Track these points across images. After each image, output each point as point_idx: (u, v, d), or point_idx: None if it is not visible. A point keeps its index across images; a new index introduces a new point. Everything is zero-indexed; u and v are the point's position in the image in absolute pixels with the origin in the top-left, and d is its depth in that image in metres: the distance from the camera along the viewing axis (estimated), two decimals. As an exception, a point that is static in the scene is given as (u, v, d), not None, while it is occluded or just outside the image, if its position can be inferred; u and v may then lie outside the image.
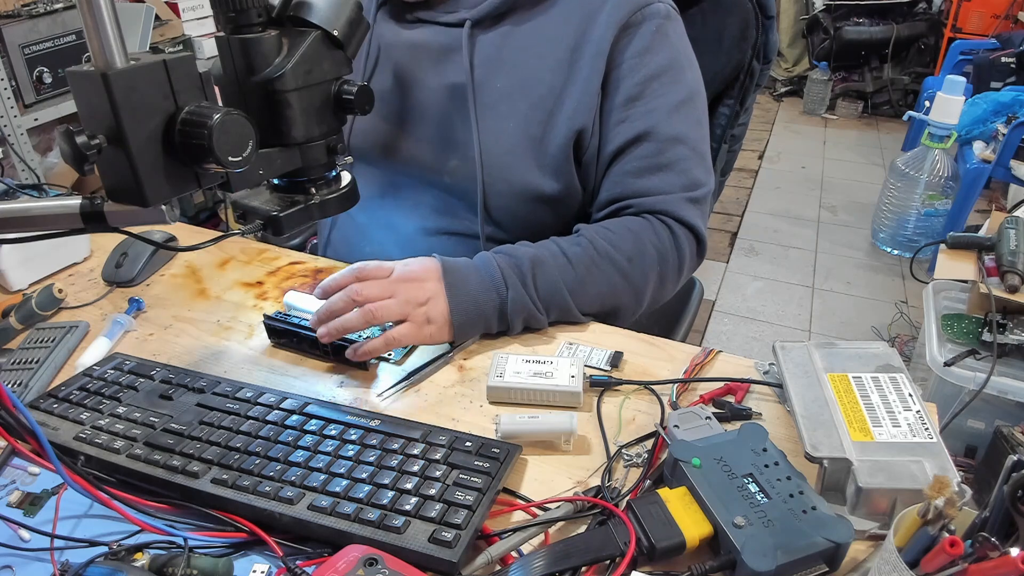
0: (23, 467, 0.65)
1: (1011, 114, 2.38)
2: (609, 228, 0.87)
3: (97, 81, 0.49)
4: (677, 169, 0.88)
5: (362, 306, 0.75)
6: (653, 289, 0.88)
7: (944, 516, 0.45)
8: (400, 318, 0.76)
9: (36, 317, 0.85)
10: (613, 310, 0.87)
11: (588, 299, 0.84)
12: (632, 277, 0.85)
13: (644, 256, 0.86)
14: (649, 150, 0.88)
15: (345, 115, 0.68)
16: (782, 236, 2.92)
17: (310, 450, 0.63)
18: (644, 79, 0.88)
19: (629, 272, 0.85)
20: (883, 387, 0.65)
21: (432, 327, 0.77)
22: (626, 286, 0.85)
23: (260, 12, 0.61)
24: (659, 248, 0.87)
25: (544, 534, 0.58)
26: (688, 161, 0.89)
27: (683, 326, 1.13)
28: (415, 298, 0.77)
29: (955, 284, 1.39)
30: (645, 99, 0.88)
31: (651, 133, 0.87)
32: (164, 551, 0.56)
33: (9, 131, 2.00)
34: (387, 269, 0.79)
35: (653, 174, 0.88)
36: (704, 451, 0.59)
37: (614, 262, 0.84)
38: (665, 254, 0.87)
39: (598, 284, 0.84)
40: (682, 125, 0.89)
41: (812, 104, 4.17)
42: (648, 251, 0.86)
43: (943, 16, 3.82)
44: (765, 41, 1.12)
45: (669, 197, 0.88)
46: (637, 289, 0.86)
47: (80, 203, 0.56)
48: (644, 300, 0.88)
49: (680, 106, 0.89)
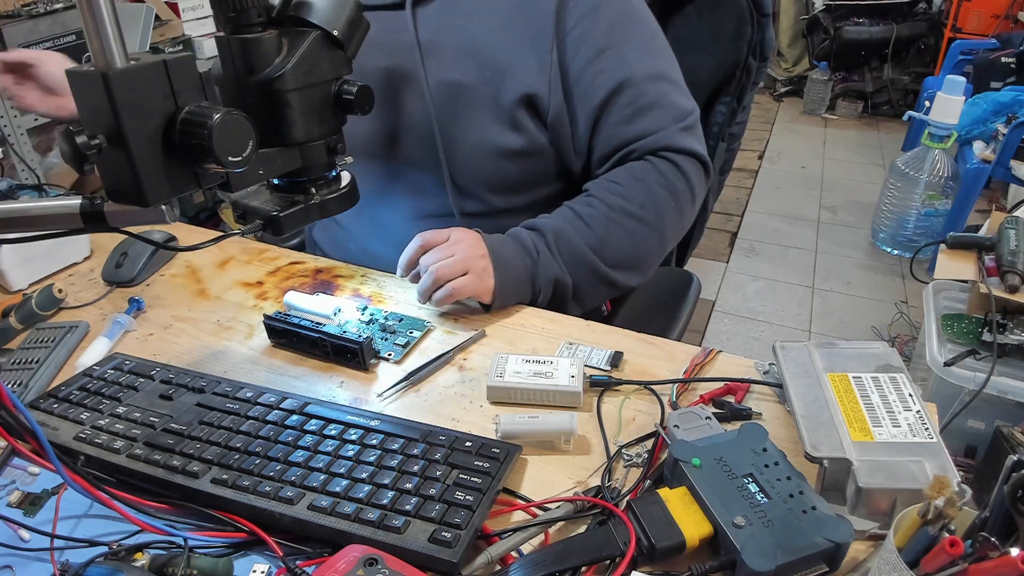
0: (23, 467, 0.65)
1: (1011, 114, 2.38)
2: (616, 181, 0.90)
3: (97, 81, 0.49)
4: (664, 104, 0.91)
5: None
6: (673, 225, 0.92)
7: (944, 516, 0.45)
8: (463, 272, 0.82)
9: (36, 317, 0.85)
10: (642, 257, 0.91)
11: (612, 253, 0.88)
12: (649, 222, 0.89)
13: (655, 198, 0.89)
14: (632, 95, 0.89)
15: (345, 115, 0.68)
16: (782, 236, 2.92)
17: (310, 450, 0.63)
18: (606, 29, 0.89)
19: (645, 218, 0.88)
20: (883, 387, 0.65)
21: (490, 280, 0.83)
22: (646, 232, 0.89)
23: (260, 12, 0.61)
24: (667, 186, 0.89)
25: (544, 534, 0.58)
26: (671, 94, 0.92)
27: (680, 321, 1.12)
28: (474, 252, 0.83)
29: (955, 284, 1.39)
30: (613, 47, 0.89)
31: (630, 79, 0.89)
32: (164, 551, 0.56)
33: (9, 131, 2.00)
34: (444, 234, 0.84)
35: (643, 116, 0.90)
36: (704, 451, 0.59)
37: (629, 212, 0.88)
38: (675, 189, 0.90)
39: (618, 237, 0.88)
40: (654, 61, 0.92)
41: (812, 104, 4.17)
42: (658, 192, 0.89)
43: (943, 16, 3.81)
44: (761, 39, 1.13)
45: (664, 133, 0.90)
46: (658, 231, 0.90)
47: (80, 203, 0.56)
48: (668, 238, 0.92)
49: (647, 44, 0.92)
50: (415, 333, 0.82)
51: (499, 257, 0.84)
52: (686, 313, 1.13)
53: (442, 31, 0.91)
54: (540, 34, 0.88)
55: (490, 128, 0.90)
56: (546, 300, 0.88)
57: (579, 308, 0.92)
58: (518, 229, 0.88)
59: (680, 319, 1.11)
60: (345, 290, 0.92)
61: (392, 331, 0.83)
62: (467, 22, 0.90)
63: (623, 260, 0.89)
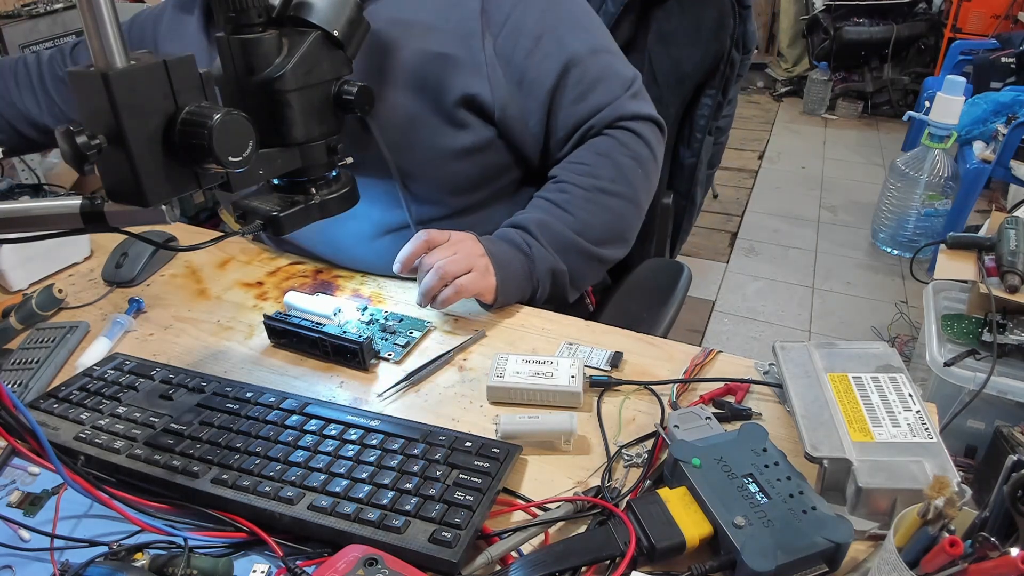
0: (23, 467, 0.65)
1: (1011, 114, 2.38)
2: (581, 161, 0.91)
3: (97, 81, 0.49)
4: (610, 76, 0.93)
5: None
6: (644, 190, 0.95)
7: (944, 516, 0.45)
8: (466, 270, 0.82)
9: (36, 317, 0.85)
10: (622, 229, 0.93)
11: (596, 232, 0.90)
12: (622, 193, 0.91)
13: (623, 169, 0.91)
14: (579, 74, 0.90)
15: (345, 115, 0.68)
16: (782, 236, 2.92)
17: (310, 450, 0.63)
18: (538, 15, 0.90)
19: (618, 191, 0.91)
20: (883, 387, 0.65)
21: (492, 278, 0.84)
22: (622, 203, 0.91)
23: (260, 12, 0.61)
24: (630, 154, 0.91)
25: (544, 534, 0.58)
26: (614, 64, 0.94)
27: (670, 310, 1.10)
28: (475, 251, 0.84)
29: (955, 284, 1.39)
30: (549, 31, 0.90)
31: (573, 58, 0.90)
32: (164, 551, 0.56)
33: (9, 131, 2.00)
34: (446, 234, 0.86)
35: (593, 91, 0.91)
36: (704, 451, 0.59)
37: (601, 189, 0.90)
38: (638, 155, 0.92)
39: (597, 215, 0.90)
40: (591, 36, 0.93)
41: (812, 104, 4.17)
42: (624, 163, 0.91)
43: (943, 16, 3.81)
44: (743, 31, 1.14)
45: (616, 103, 0.92)
46: (632, 200, 0.93)
47: (80, 203, 0.56)
48: (642, 204, 0.95)
49: (580, 20, 0.93)
50: (415, 333, 0.82)
51: (496, 256, 0.84)
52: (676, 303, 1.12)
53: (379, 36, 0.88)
54: (469, 34, 0.87)
55: (437, 132, 0.89)
56: (545, 293, 0.89)
57: (576, 292, 0.93)
58: (503, 229, 0.89)
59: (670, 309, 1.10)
60: (345, 290, 0.93)
61: (392, 331, 0.83)
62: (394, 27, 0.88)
63: (606, 236, 0.91)
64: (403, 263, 0.84)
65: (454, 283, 0.81)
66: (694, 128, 1.21)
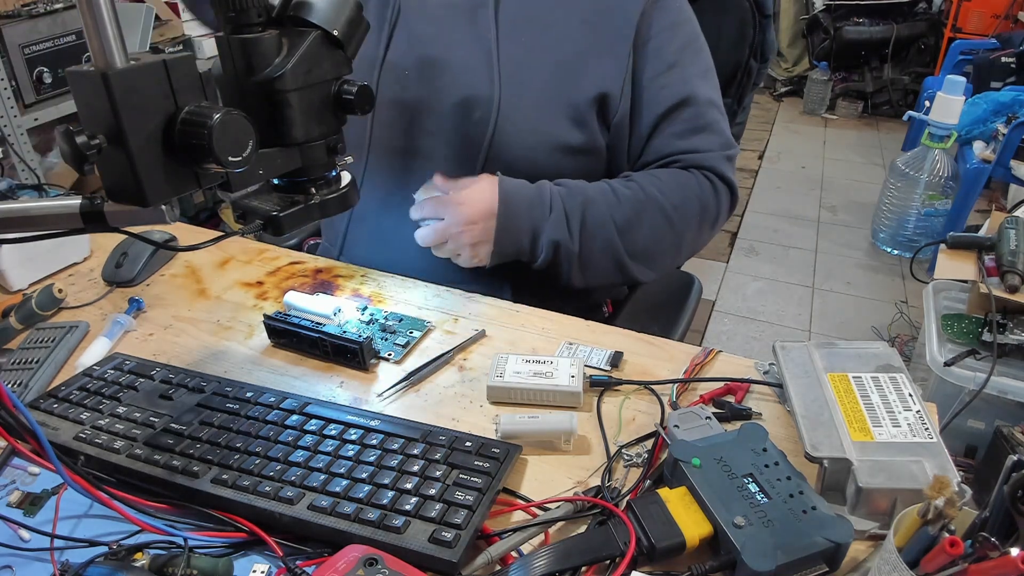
0: (23, 467, 0.65)
1: (1011, 114, 2.38)
2: (658, 176, 0.93)
3: (97, 81, 0.49)
4: (715, 130, 0.95)
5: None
6: (692, 238, 0.95)
7: (944, 516, 0.45)
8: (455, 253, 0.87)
9: (36, 317, 0.85)
10: (658, 254, 0.94)
11: (633, 238, 0.90)
12: (676, 224, 0.92)
13: (688, 204, 0.92)
14: (691, 113, 0.93)
15: (345, 115, 0.68)
16: (782, 236, 2.92)
17: (310, 450, 0.63)
18: (680, 47, 0.93)
19: (674, 219, 0.91)
20: (883, 387, 0.65)
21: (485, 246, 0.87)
22: (669, 231, 0.92)
23: (260, 12, 0.61)
24: (702, 200, 0.93)
25: (544, 534, 0.58)
26: (721, 123, 0.97)
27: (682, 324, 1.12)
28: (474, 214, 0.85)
29: (955, 284, 1.39)
30: (682, 66, 0.93)
31: (692, 97, 0.93)
32: (164, 551, 0.56)
33: (9, 131, 2.00)
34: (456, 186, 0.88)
35: (696, 135, 0.94)
36: (704, 451, 0.59)
37: (661, 207, 0.90)
38: (707, 205, 0.93)
39: (644, 225, 0.90)
40: (712, 90, 0.97)
41: (812, 104, 4.17)
42: (692, 201, 0.92)
43: (943, 16, 3.81)
44: (763, 40, 1.15)
45: (712, 155, 0.94)
46: (680, 235, 0.93)
47: (80, 203, 0.56)
48: (683, 248, 0.96)
49: (707, 72, 0.97)
50: (415, 333, 0.82)
51: (506, 209, 0.86)
52: (687, 315, 1.13)
53: (521, 20, 0.92)
54: (621, 39, 0.91)
55: (556, 123, 0.92)
56: (546, 262, 0.90)
57: (582, 279, 0.92)
58: (544, 181, 0.90)
59: (682, 322, 1.12)
60: (345, 290, 0.93)
61: (392, 331, 0.83)
62: (548, 13, 0.93)
63: (639, 249, 0.92)
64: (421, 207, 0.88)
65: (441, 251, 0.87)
66: None
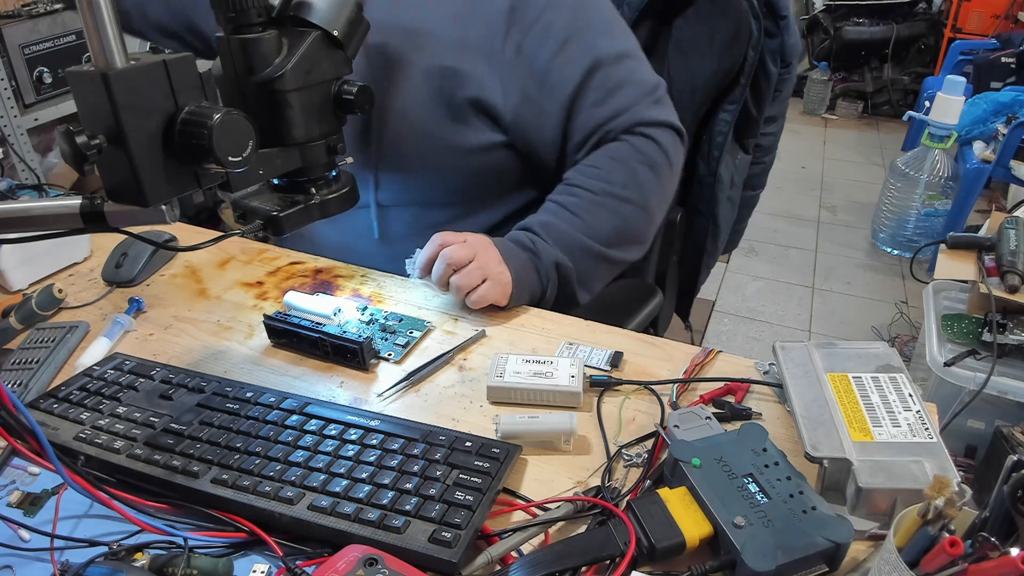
0: (23, 467, 0.65)
1: (1011, 114, 2.38)
2: (595, 165, 0.91)
3: (97, 81, 0.49)
4: (632, 81, 0.92)
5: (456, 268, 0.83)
6: (657, 198, 0.93)
7: (944, 516, 0.45)
8: (482, 279, 0.83)
9: (36, 317, 0.85)
10: (632, 234, 0.93)
11: (604, 235, 0.89)
12: (633, 200, 0.90)
13: (636, 175, 0.90)
14: (602, 77, 0.90)
15: (345, 115, 0.68)
16: (782, 236, 2.92)
17: (310, 450, 0.63)
18: (569, 17, 0.90)
19: (629, 197, 0.90)
20: (883, 387, 0.65)
21: (507, 280, 0.84)
22: (631, 209, 0.90)
23: (260, 12, 0.61)
24: (646, 161, 0.91)
25: (544, 534, 0.58)
26: (637, 70, 0.94)
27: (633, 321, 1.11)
28: (491, 257, 0.84)
29: (955, 284, 1.39)
30: (578, 35, 0.90)
31: (598, 61, 0.90)
32: (164, 551, 0.56)
33: (9, 131, 2.00)
34: (461, 235, 0.86)
35: (614, 96, 0.91)
36: (704, 451, 0.59)
37: (612, 194, 0.89)
38: (653, 162, 0.91)
39: (605, 219, 0.89)
40: (617, 41, 0.93)
41: (812, 104, 4.17)
42: (638, 170, 0.90)
43: (943, 16, 3.81)
44: (782, 43, 1.09)
45: (637, 108, 0.91)
46: (643, 207, 0.91)
47: (80, 203, 0.56)
48: (653, 212, 0.94)
49: (607, 26, 0.94)
50: (415, 333, 0.82)
51: (507, 257, 0.85)
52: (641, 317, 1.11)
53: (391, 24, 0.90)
54: (493, 34, 0.88)
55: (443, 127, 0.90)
56: (554, 289, 0.89)
57: (587, 293, 0.93)
58: (511, 233, 0.90)
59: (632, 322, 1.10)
60: (345, 290, 0.92)
61: (392, 331, 0.83)
62: (416, 12, 0.90)
63: (613, 239, 0.91)
64: (422, 268, 0.85)
65: (471, 298, 0.83)
66: (711, 145, 1.17)
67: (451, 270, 0.83)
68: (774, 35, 1.09)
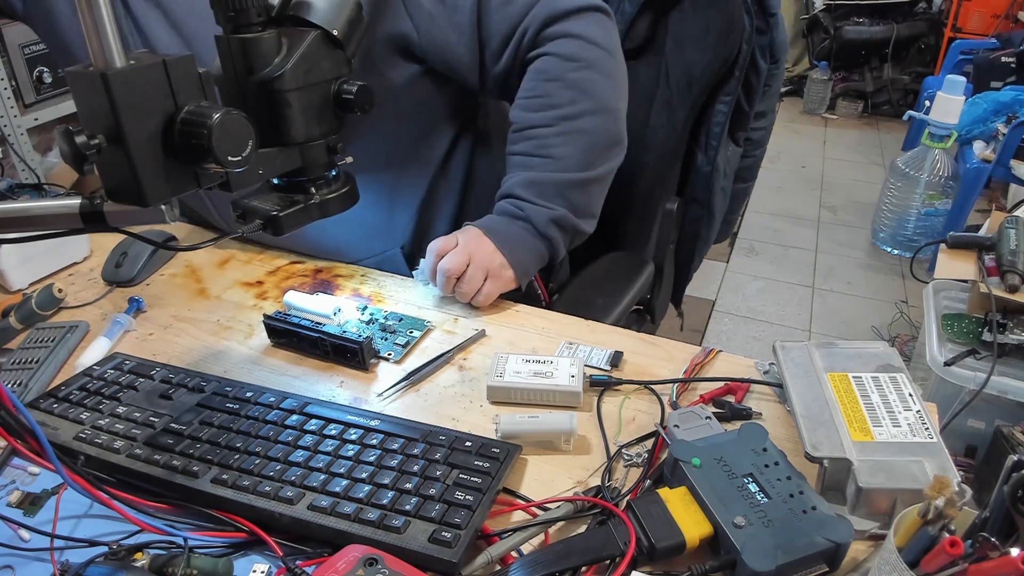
0: (23, 467, 0.65)
1: (1011, 114, 2.38)
2: (534, 95, 0.88)
3: (97, 81, 0.49)
4: None
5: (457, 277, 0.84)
6: (611, 93, 0.90)
7: (944, 516, 0.45)
8: (484, 278, 0.84)
9: (36, 317, 0.85)
10: (604, 141, 0.89)
11: (581, 160, 0.87)
12: (589, 109, 0.87)
13: (579, 86, 0.87)
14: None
15: (345, 115, 0.68)
16: (782, 236, 2.92)
17: (310, 450, 0.63)
18: None
19: (584, 110, 0.87)
20: (883, 387, 0.65)
21: (509, 272, 0.85)
22: (594, 120, 0.88)
23: (260, 12, 0.61)
24: (582, 65, 0.87)
25: (544, 534, 0.58)
26: None
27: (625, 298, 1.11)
28: (485, 251, 0.84)
29: (955, 284, 1.39)
30: None
31: None
32: (164, 551, 0.56)
33: (9, 131, 2.00)
34: (452, 240, 0.85)
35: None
36: (704, 451, 0.59)
37: (567, 117, 0.86)
38: (591, 62, 0.87)
39: (575, 143, 0.87)
40: None
41: (812, 104, 4.17)
42: (577, 78, 0.86)
43: (943, 16, 3.81)
44: (771, 40, 1.11)
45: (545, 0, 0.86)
46: (603, 109, 0.88)
47: (80, 203, 0.56)
48: (614, 106, 0.90)
49: None
50: (415, 333, 0.82)
51: (502, 240, 0.85)
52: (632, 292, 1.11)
53: None
54: None
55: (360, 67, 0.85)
56: (560, 242, 0.88)
57: (593, 220, 0.92)
58: (497, 204, 0.89)
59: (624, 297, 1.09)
60: (345, 290, 0.92)
61: (392, 331, 0.83)
62: None
63: (592, 158, 0.89)
64: (430, 277, 0.87)
65: (477, 299, 0.85)
66: (708, 136, 1.18)
67: (453, 279, 0.83)
68: (764, 32, 1.11)
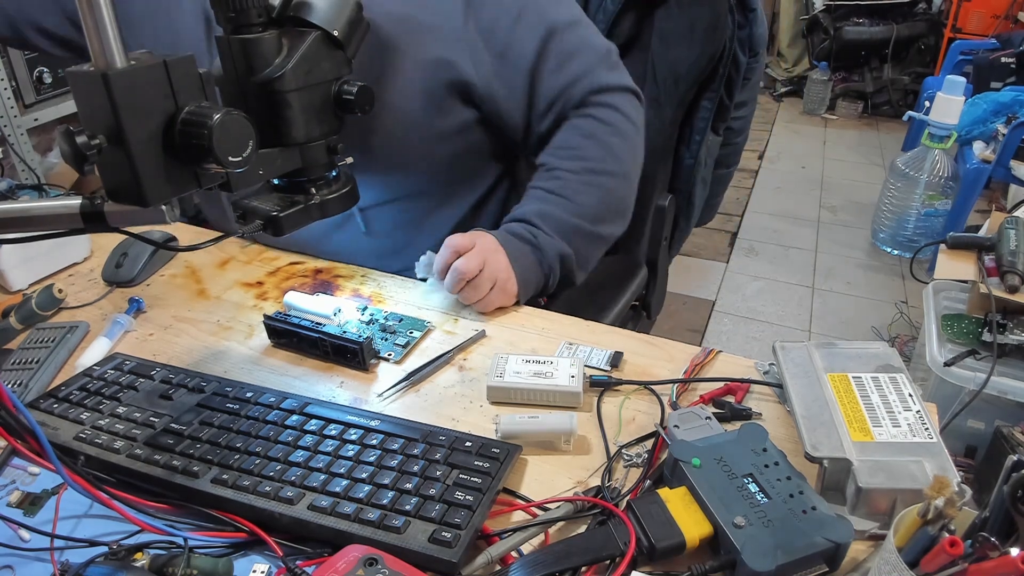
0: (23, 467, 0.65)
1: (1011, 114, 2.37)
2: (568, 146, 0.93)
3: (97, 81, 0.49)
4: (586, 46, 0.94)
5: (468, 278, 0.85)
6: (633, 164, 0.96)
7: (944, 516, 0.45)
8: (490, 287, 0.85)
9: (36, 317, 0.85)
10: (618, 205, 0.95)
11: (593, 211, 0.92)
12: (613, 171, 0.93)
13: (610, 147, 0.93)
14: (558, 44, 0.92)
15: (345, 115, 0.68)
16: (782, 236, 2.92)
17: (310, 450, 0.63)
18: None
19: (609, 170, 0.93)
20: (883, 387, 0.65)
21: (513, 287, 0.87)
22: (614, 181, 0.94)
23: (260, 12, 0.61)
24: (615, 131, 0.93)
25: (544, 534, 0.58)
26: (590, 36, 0.96)
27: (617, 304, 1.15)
28: (499, 264, 0.86)
29: (955, 284, 1.39)
30: (530, 3, 0.92)
31: (552, 29, 0.91)
32: (164, 551, 0.56)
33: (9, 131, 2.00)
34: (470, 241, 0.86)
35: (570, 62, 0.93)
36: (704, 451, 0.59)
37: (592, 170, 0.92)
38: (622, 131, 0.94)
39: (592, 196, 0.92)
40: (567, 7, 0.95)
41: (812, 104, 4.17)
42: (610, 142, 0.93)
43: (943, 16, 3.81)
44: (751, 33, 1.14)
45: (593, 74, 0.93)
46: (623, 176, 0.95)
47: (80, 203, 0.56)
48: (632, 178, 0.97)
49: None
50: (415, 333, 0.82)
51: (514, 257, 0.87)
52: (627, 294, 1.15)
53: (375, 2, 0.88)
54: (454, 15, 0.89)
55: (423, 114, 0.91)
56: (556, 278, 0.91)
57: (583, 274, 0.95)
58: (508, 224, 0.91)
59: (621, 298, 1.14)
60: (345, 290, 0.93)
61: (392, 331, 0.83)
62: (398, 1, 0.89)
63: (603, 214, 0.94)
64: (439, 272, 0.87)
65: (479, 305, 0.86)
66: (693, 131, 1.22)
67: (464, 282, 0.84)
68: (743, 26, 1.14)
